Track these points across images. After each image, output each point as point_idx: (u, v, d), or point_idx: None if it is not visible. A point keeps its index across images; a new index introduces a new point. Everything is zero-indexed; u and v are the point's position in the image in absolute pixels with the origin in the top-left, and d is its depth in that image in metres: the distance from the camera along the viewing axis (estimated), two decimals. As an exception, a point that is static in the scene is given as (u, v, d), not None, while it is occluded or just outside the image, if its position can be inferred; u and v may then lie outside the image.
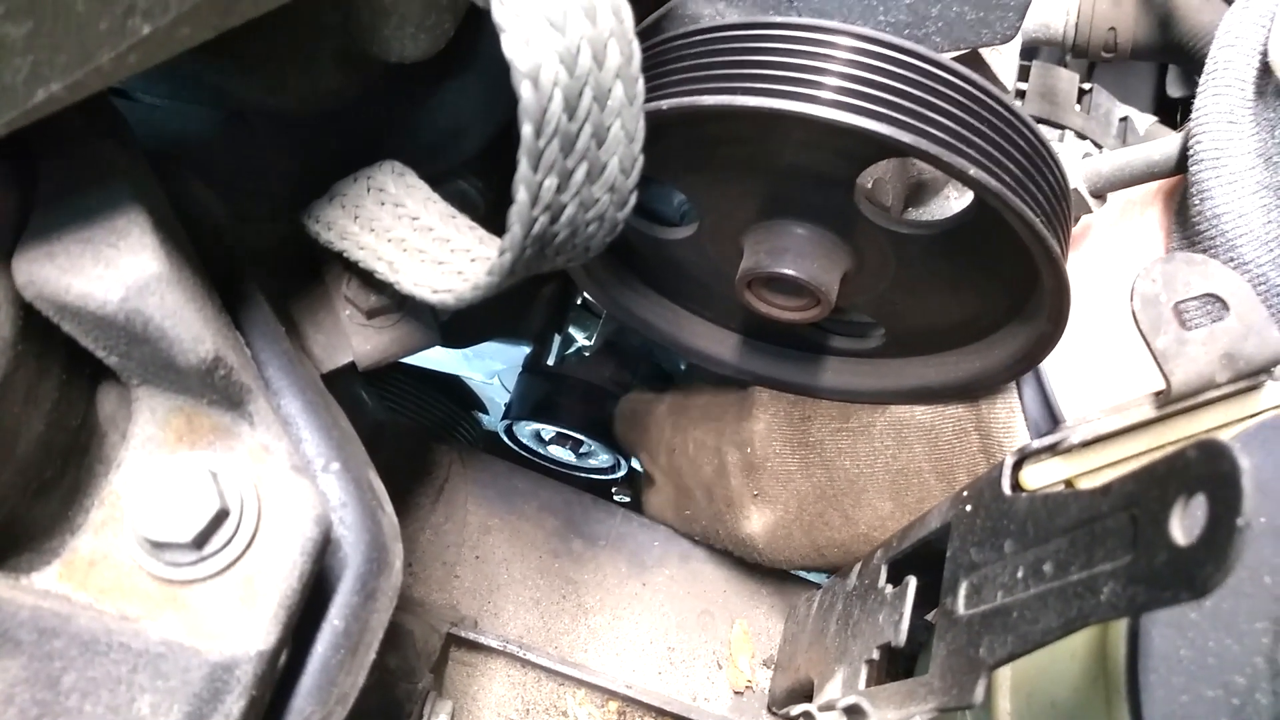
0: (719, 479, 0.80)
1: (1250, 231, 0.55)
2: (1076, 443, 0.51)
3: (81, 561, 0.37)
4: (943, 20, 0.54)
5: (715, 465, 0.80)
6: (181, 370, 0.38)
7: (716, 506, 0.81)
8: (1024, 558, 0.41)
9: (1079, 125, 0.90)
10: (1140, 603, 0.31)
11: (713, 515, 0.82)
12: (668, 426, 0.86)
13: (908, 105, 0.45)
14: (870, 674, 0.58)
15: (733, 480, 0.79)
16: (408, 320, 0.57)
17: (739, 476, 0.79)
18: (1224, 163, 0.56)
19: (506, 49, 0.32)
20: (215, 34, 0.33)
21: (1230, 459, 0.27)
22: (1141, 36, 0.88)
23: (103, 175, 0.37)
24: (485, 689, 0.77)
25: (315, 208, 0.52)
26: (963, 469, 0.68)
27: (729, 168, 0.55)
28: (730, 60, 0.47)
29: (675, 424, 0.86)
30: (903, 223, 0.56)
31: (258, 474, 0.39)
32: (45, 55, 0.29)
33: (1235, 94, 0.57)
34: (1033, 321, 0.57)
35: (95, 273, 0.35)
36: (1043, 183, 0.48)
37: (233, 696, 0.36)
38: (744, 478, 0.79)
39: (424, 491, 0.83)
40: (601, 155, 0.36)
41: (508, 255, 0.38)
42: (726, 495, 0.80)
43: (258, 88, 0.51)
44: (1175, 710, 0.37)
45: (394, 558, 0.45)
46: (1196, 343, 0.49)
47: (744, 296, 0.59)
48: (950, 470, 0.68)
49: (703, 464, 0.82)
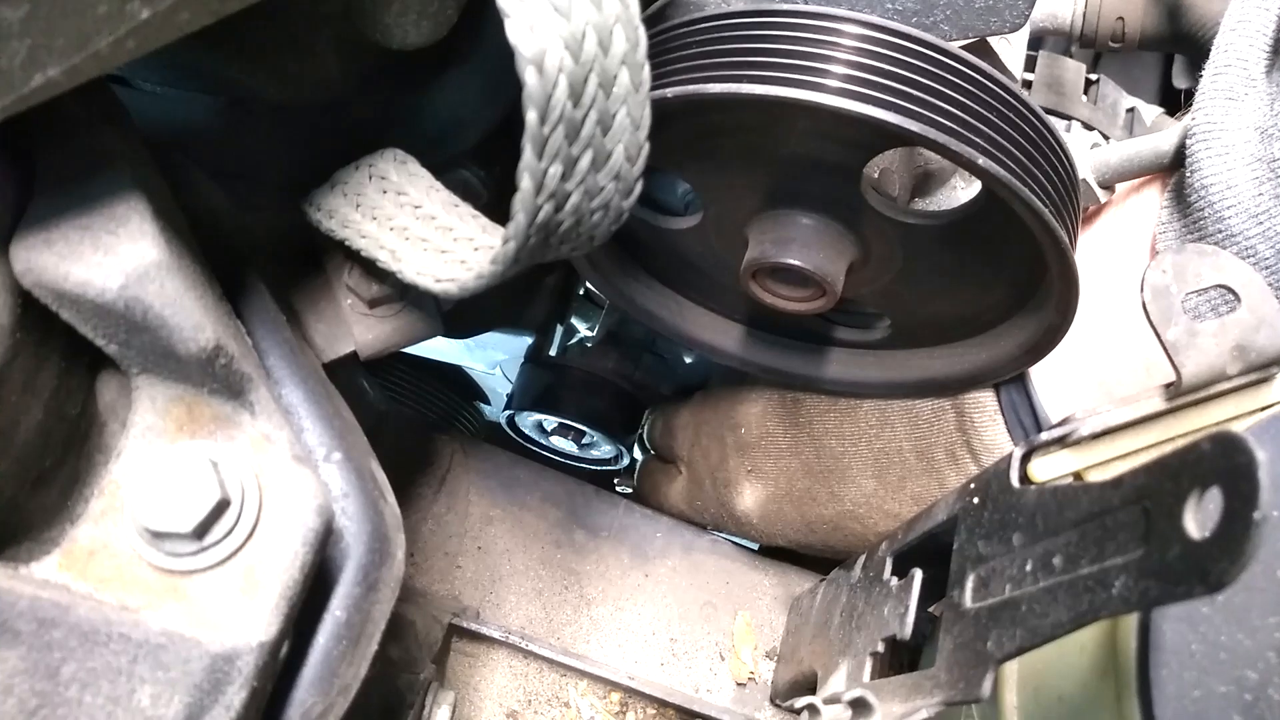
0: (721, 462, 0.83)
1: (1240, 203, 0.54)
2: (1085, 435, 0.50)
3: (81, 551, 0.37)
4: (951, 8, 0.53)
5: (719, 450, 0.83)
6: (182, 359, 0.37)
7: (718, 490, 0.84)
8: (1033, 551, 0.40)
9: (1086, 116, 0.89)
10: (1153, 597, 0.31)
11: (716, 499, 0.85)
12: (690, 426, 0.89)
13: (915, 94, 0.44)
14: (875, 667, 0.57)
15: (730, 460, 0.82)
16: (410, 310, 0.57)
17: (735, 456, 0.82)
18: (1218, 135, 0.56)
19: (511, 34, 0.31)
20: (214, 19, 0.33)
21: (1247, 451, 0.26)
22: (1149, 26, 0.88)
23: (102, 162, 0.37)
24: (487, 680, 0.77)
25: (316, 196, 0.51)
26: (940, 448, 0.69)
27: (734, 157, 0.54)
28: (736, 48, 0.47)
29: (695, 422, 0.89)
30: (910, 213, 0.55)
31: (259, 464, 0.39)
32: (42, 39, 0.28)
33: (1237, 71, 0.57)
34: (1040, 313, 0.57)
35: (94, 260, 0.34)
36: (1052, 173, 0.47)
37: (234, 687, 0.36)
38: (739, 457, 0.82)
39: (426, 482, 0.83)
40: (607, 143, 0.36)
41: (512, 244, 0.37)
42: (725, 476, 0.83)
43: (258, 75, 0.50)
44: (1186, 705, 0.37)
45: (396, 548, 0.44)
46: (1207, 334, 0.48)
47: (749, 287, 0.59)
48: (929, 449, 0.70)
49: (711, 452, 0.85)
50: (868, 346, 0.71)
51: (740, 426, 0.81)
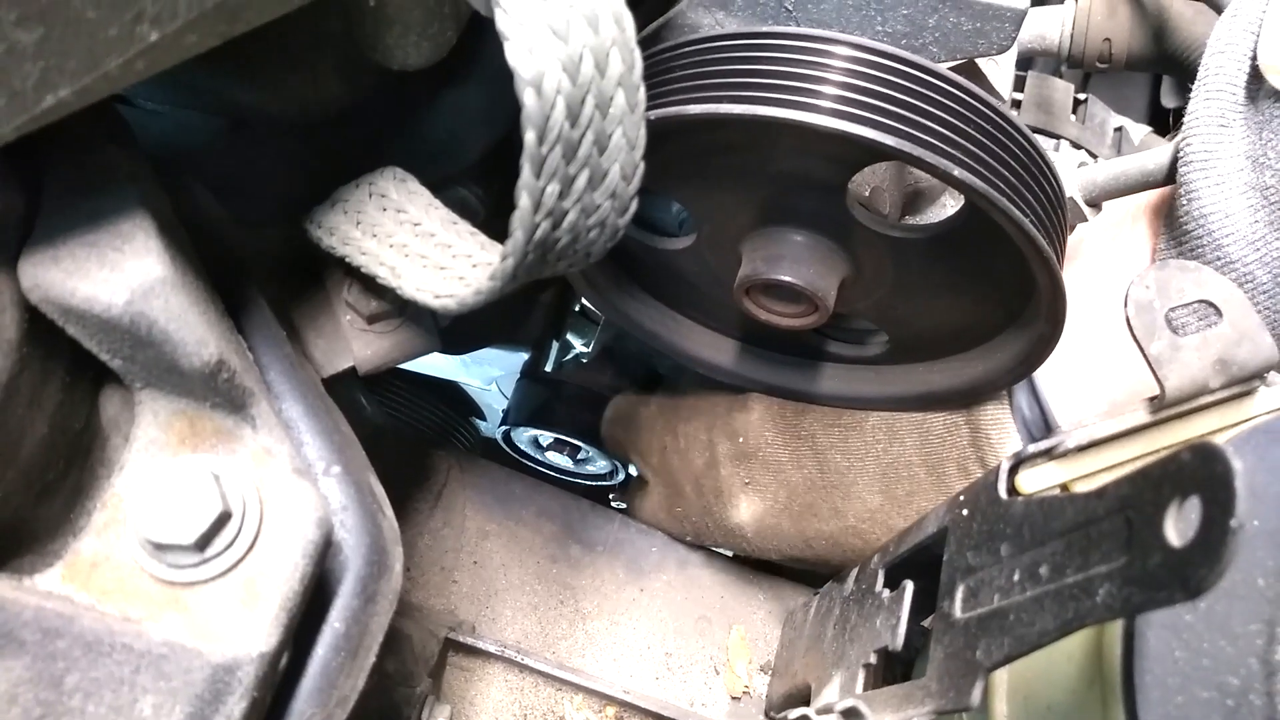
0: (709, 470, 0.81)
1: (1236, 231, 0.56)
2: (1072, 447, 0.51)
3: (84, 563, 0.37)
4: (939, 30, 0.55)
5: (706, 457, 0.81)
6: (185, 373, 0.38)
7: (706, 499, 0.82)
8: (1020, 561, 0.41)
9: (1074, 135, 0.91)
10: (1135, 604, 0.31)
11: (702, 509, 0.83)
12: (659, 426, 0.87)
13: (898, 111, 0.45)
14: (867, 678, 0.58)
15: (723, 470, 0.80)
16: (408, 326, 0.58)
17: (729, 466, 0.80)
18: (1213, 164, 0.57)
19: (510, 57, 0.32)
20: (221, 41, 0.33)
21: (1224, 461, 0.27)
22: (1136, 47, 0.89)
23: (108, 180, 0.37)
24: (483, 694, 0.77)
25: (317, 213, 0.52)
26: (953, 463, 0.68)
27: (726, 175, 0.55)
28: (728, 69, 0.48)
29: (666, 422, 0.86)
30: (896, 226, 0.56)
31: (260, 477, 0.40)
32: (55, 61, 0.29)
33: (1227, 98, 0.58)
34: (1031, 325, 0.58)
35: (100, 276, 0.35)
36: (1038, 189, 0.48)
37: (234, 698, 0.36)
38: (734, 467, 0.80)
39: (422, 497, 0.83)
40: (603, 162, 0.37)
41: (510, 260, 0.38)
42: (716, 486, 0.81)
43: (260, 95, 0.51)
44: (1170, 711, 0.38)
45: (394, 561, 0.45)
46: (1190, 349, 0.49)
47: (742, 303, 0.60)
48: (940, 464, 0.69)
49: (694, 457, 0.82)
50: (865, 362, 0.72)
51: (739, 435, 0.79)
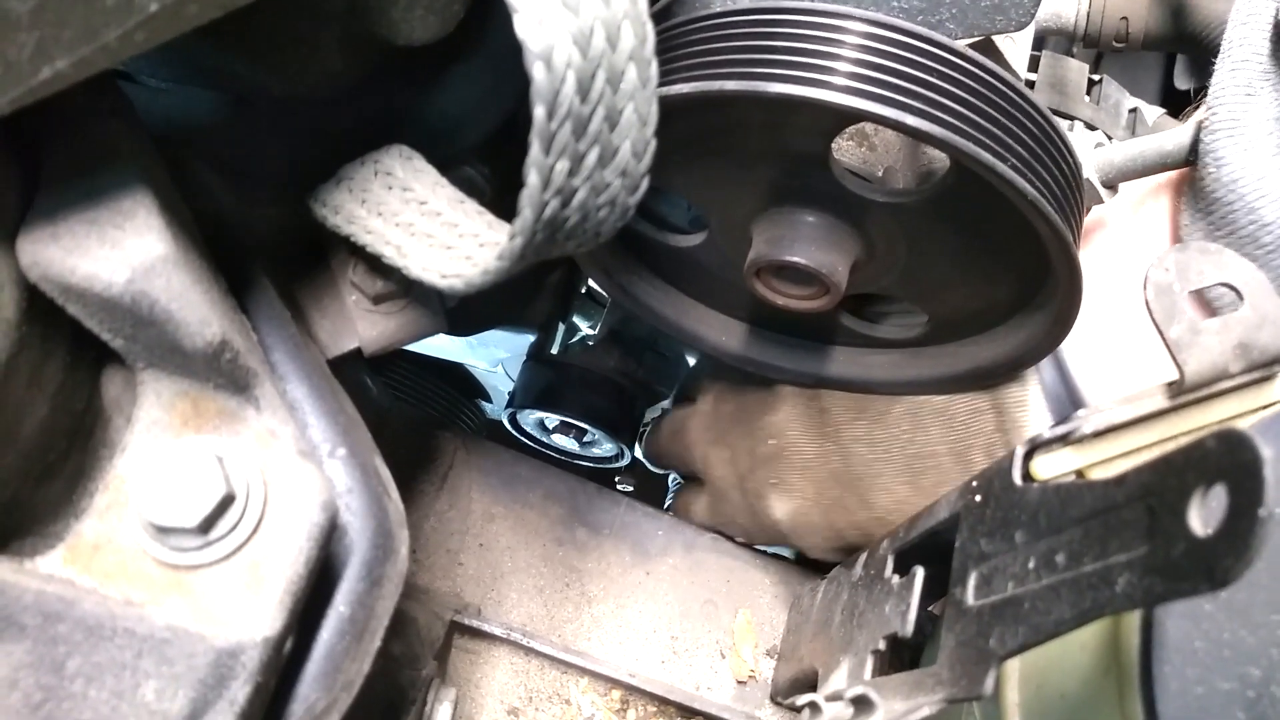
0: (750, 472, 0.82)
1: (1270, 193, 0.56)
2: (1088, 433, 0.50)
3: (86, 546, 0.37)
4: (957, 6, 0.54)
5: (748, 461, 0.82)
6: (188, 353, 0.37)
7: (748, 501, 0.83)
8: (1036, 548, 0.40)
9: (1089, 116, 0.89)
10: (1157, 594, 0.31)
11: (746, 510, 0.84)
12: (702, 439, 0.87)
13: (912, 88, 0.44)
14: (876, 665, 0.57)
15: (759, 471, 0.81)
16: (414, 306, 0.57)
17: (763, 468, 0.80)
18: (1241, 130, 0.57)
19: (519, 30, 0.31)
20: (222, 13, 0.33)
21: (1252, 448, 0.27)
22: (1154, 26, 0.88)
23: (108, 156, 0.37)
24: (488, 677, 0.77)
25: (322, 192, 0.51)
26: (979, 450, 0.68)
27: (736, 155, 0.54)
28: (742, 45, 0.47)
29: (708, 434, 0.87)
30: (892, 192, 0.55)
31: (264, 459, 0.39)
32: (51, 31, 0.28)
33: (1253, 67, 0.58)
34: (1049, 305, 0.57)
35: (101, 254, 0.34)
36: (1054, 167, 0.48)
37: (238, 682, 0.36)
38: (766, 468, 0.80)
39: (428, 479, 0.83)
40: (614, 139, 0.36)
41: (518, 240, 0.37)
42: (755, 487, 0.82)
43: (263, 71, 0.50)
44: (1189, 703, 0.37)
45: (400, 544, 0.44)
46: (1210, 332, 0.48)
47: (753, 285, 0.59)
48: (967, 451, 0.69)
49: (739, 460, 0.83)
50: (875, 344, 0.71)
51: (770, 437, 0.80)
